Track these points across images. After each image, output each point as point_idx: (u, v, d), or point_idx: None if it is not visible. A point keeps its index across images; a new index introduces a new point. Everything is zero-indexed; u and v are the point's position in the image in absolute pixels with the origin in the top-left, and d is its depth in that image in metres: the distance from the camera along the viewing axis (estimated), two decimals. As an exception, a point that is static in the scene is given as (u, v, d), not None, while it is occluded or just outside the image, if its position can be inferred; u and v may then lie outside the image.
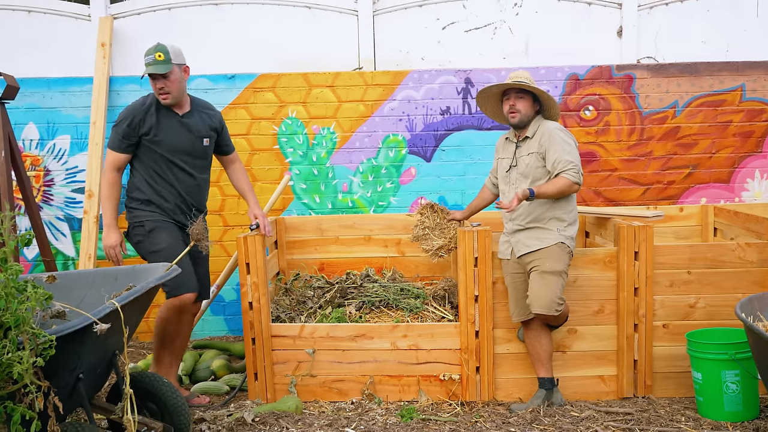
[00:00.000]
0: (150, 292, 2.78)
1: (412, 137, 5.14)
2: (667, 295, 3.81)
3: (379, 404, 3.77)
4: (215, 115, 3.93)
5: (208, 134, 3.82)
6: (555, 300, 3.41)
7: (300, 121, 5.13)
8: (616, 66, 5.08)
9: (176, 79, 3.63)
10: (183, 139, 3.71)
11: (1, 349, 1.90)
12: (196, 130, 3.76)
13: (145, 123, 3.62)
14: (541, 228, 3.51)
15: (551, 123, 3.56)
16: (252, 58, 5.18)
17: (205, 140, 3.80)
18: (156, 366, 3.70)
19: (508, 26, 5.24)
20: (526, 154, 3.54)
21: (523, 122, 3.56)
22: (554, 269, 3.43)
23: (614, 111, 5.10)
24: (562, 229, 3.49)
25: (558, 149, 3.42)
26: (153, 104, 3.68)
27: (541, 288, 3.42)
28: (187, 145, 3.72)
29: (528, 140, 3.56)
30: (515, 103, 3.54)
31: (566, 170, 3.38)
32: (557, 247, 3.46)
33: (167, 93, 3.61)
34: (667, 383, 3.82)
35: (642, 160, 5.14)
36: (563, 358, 3.84)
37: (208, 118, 3.85)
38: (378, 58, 5.24)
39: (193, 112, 3.79)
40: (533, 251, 3.49)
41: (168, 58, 3.59)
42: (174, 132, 3.69)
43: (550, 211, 3.50)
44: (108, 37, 5.12)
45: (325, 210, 5.19)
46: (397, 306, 4.17)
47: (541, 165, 3.48)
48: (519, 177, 3.58)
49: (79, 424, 2.59)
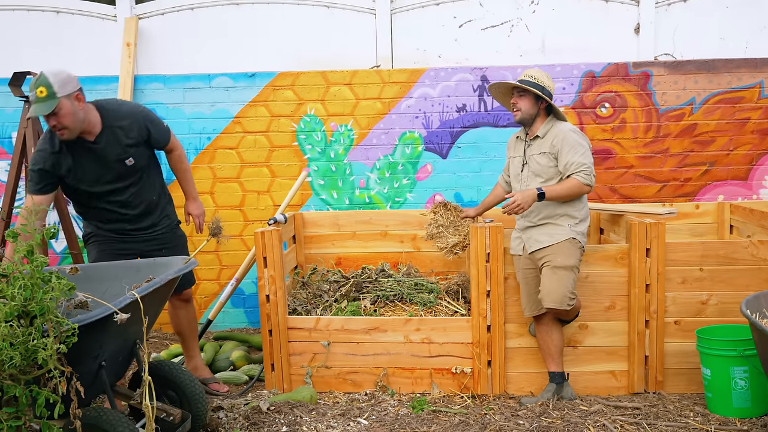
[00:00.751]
0: (168, 284, 2.89)
1: (428, 134, 5.21)
2: (679, 291, 3.83)
3: (392, 396, 3.86)
4: (131, 125, 3.48)
5: (127, 153, 3.46)
6: (567, 294, 3.46)
7: (318, 118, 5.23)
8: (632, 63, 5.08)
9: (67, 112, 3.20)
10: (101, 170, 3.43)
11: (27, 336, 2.03)
12: (114, 154, 3.42)
13: (61, 165, 3.36)
14: (552, 224, 3.56)
15: (565, 124, 3.60)
16: (272, 57, 5.29)
17: (127, 161, 3.47)
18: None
19: (524, 24, 5.28)
20: (538, 153, 3.59)
21: (525, 120, 3.61)
22: (566, 264, 3.48)
23: (630, 108, 5.11)
24: (573, 225, 3.54)
25: (571, 151, 3.46)
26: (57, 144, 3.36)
27: (552, 283, 3.47)
28: (108, 174, 3.45)
29: (539, 139, 3.61)
30: (517, 101, 3.60)
31: (578, 172, 3.42)
32: (568, 243, 3.51)
33: (63, 128, 3.24)
34: (679, 379, 3.85)
35: (658, 157, 5.14)
36: (574, 353, 3.89)
37: (123, 134, 3.44)
38: (395, 56, 5.31)
39: (104, 132, 3.40)
40: (545, 247, 3.54)
41: (51, 92, 3.15)
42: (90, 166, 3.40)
43: (561, 208, 3.55)
44: (133, 37, 5.27)
45: (342, 205, 5.29)
46: (411, 300, 4.25)
47: (553, 165, 3.53)
48: (531, 175, 3.62)
49: (101, 409, 2.72)
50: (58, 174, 3.37)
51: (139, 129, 3.51)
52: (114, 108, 3.49)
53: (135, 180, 3.56)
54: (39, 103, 3.15)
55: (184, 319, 3.91)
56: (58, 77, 3.18)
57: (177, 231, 3.84)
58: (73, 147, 3.36)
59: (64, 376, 2.15)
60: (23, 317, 2.11)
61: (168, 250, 3.68)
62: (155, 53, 5.36)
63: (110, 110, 3.46)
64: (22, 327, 2.05)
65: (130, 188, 3.55)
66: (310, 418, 3.38)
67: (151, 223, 3.66)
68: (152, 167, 3.70)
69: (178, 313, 3.89)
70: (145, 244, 3.64)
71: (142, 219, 3.62)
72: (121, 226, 3.58)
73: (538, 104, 3.58)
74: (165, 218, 3.74)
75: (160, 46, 5.36)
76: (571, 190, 3.43)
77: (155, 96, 5.24)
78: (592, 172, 3.45)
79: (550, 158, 3.52)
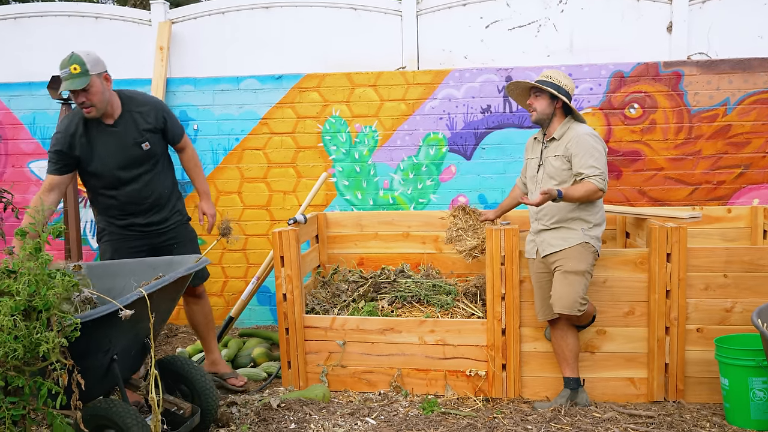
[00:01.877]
0: (179, 281, 2.98)
1: (452, 135, 5.19)
2: (702, 298, 3.72)
3: (405, 396, 3.88)
4: (149, 111, 3.63)
5: (144, 138, 3.59)
6: (577, 300, 3.41)
7: (343, 119, 5.28)
8: (663, 63, 4.95)
9: (97, 90, 3.38)
10: (116, 154, 3.54)
11: (32, 330, 2.13)
12: (131, 138, 3.56)
13: (77, 147, 3.48)
14: (565, 228, 3.51)
15: (582, 127, 3.54)
16: (298, 59, 5.37)
17: (143, 145, 3.59)
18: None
19: (552, 23, 5.20)
20: (553, 156, 3.55)
21: (541, 120, 3.58)
22: (577, 269, 3.43)
23: (661, 109, 4.98)
24: (587, 230, 3.49)
25: (585, 155, 3.40)
26: (80, 122, 3.49)
27: (563, 288, 3.43)
28: (124, 158, 3.56)
29: (554, 141, 3.57)
30: (533, 102, 3.57)
31: (593, 176, 3.37)
32: (581, 247, 3.46)
33: (90, 107, 3.40)
34: (701, 388, 3.74)
35: (690, 159, 5.00)
36: (592, 358, 3.82)
37: (141, 119, 3.60)
38: (421, 58, 5.32)
39: (124, 117, 3.56)
40: (557, 251, 3.50)
41: (85, 69, 3.33)
42: (106, 149, 3.52)
43: (575, 212, 3.49)
44: (166, 41, 5.43)
45: (366, 206, 5.33)
46: (428, 302, 4.26)
47: (566, 168, 3.48)
48: (545, 178, 3.58)
49: (111, 401, 2.84)
50: (75, 155, 3.49)
51: (156, 116, 3.65)
52: (134, 96, 3.67)
53: (149, 168, 3.65)
54: (72, 79, 3.32)
55: (198, 314, 4.01)
56: (89, 57, 3.37)
57: (187, 227, 3.92)
58: (91, 130, 3.50)
59: (66, 369, 2.25)
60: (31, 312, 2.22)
61: (179, 245, 3.78)
62: (187, 56, 5.52)
63: (130, 97, 3.64)
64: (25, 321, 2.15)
65: (144, 176, 3.63)
66: (319, 416, 3.42)
67: (162, 218, 3.73)
68: (166, 160, 3.81)
69: (192, 308, 3.99)
70: (156, 239, 3.74)
71: (153, 213, 3.69)
72: (132, 221, 3.66)
73: (554, 104, 3.54)
74: (176, 213, 3.83)
75: (192, 49, 5.51)
76: (587, 193, 3.37)
77: (186, 98, 5.39)
78: (605, 178, 3.39)
79: (564, 161, 3.48)
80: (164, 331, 5.32)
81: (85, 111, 3.42)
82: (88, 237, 5.59)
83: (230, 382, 4.05)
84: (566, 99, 3.50)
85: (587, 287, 3.50)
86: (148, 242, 3.73)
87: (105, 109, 3.47)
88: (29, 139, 5.60)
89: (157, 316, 3.13)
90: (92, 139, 3.51)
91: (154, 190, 3.68)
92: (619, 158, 5.06)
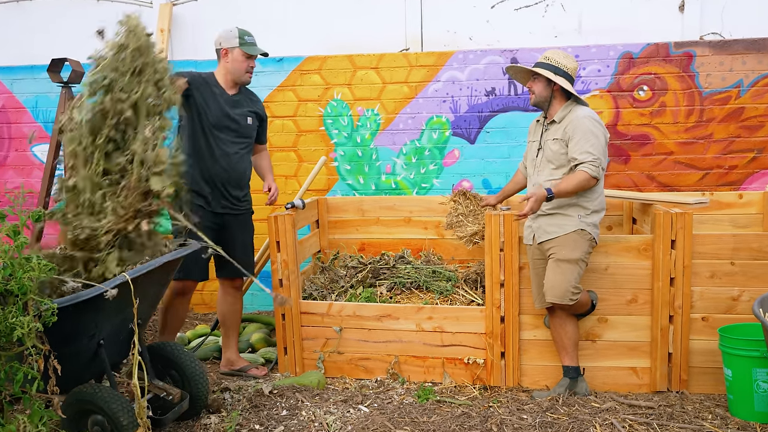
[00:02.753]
0: (165, 267, 2.94)
1: (456, 119, 5.09)
2: (708, 286, 3.61)
3: (402, 384, 3.82)
4: (257, 101, 4.08)
5: (251, 114, 3.97)
6: (569, 289, 3.32)
7: (345, 102, 5.20)
8: (674, 43, 4.79)
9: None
10: (228, 112, 3.85)
11: (7, 314, 2.10)
12: (244, 106, 3.93)
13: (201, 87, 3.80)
14: (561, 215, 3.42)
15: (582, 110, 3.42)
16: (300, 41, 5.28)
17: (249, 118, 3.94)
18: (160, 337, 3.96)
19: (560, 3, 5.06)
20: (551, 140, 3.45)
21: (540, 103, 3.48)
22: (570, 257, 3.34)
23: (671, 91, 4.83)
24: (583, 216, 3.39)
25: (582, 139, 3.30)
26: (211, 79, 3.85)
27: (556, 276, 3.34)
28: (231, 119, 3.85)
29: (555, 125, 3.46)
30: (531, 84, 3.47)
31: (585, 162, 3.26)
32: (576, 234, 3.36)
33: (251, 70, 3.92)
34: (705, 379, 3.64)
35: (701, 143, 4.85)
36: (593, 347, 3.74)
37: (252, 102, 4.01)
38: (425, 39, 5.21)
39: (241, 92, 3.96)
40: (552, 238, 3.41)
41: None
42: (221, 106, 3.83)
43: (573, 198, 3.39)
44: (167, 23, 5.37)
45: (368, 191, 5.25)
46: (427, 288, 4.19)
47: (564, 152, 3.38)
48: (544, 161, 3.49)
49: (97, 386, 2.81)
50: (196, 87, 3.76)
51: (261, 109, 4.09)
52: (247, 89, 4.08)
53: (244, 144, 3.94)
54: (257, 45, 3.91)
55: (229, 305, 4.02)
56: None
57: (251, 219, 4.07)
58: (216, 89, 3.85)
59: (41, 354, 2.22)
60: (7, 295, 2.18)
61: (246, 232, 4.01)
62: (189, 38, 5.46)
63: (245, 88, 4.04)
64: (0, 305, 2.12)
65: (238, 147, 3.90)
66: (311, 402, 3.38)
67: (242, 195, 3.96)
68: (251, 150, 4.06)
69: (225, 298, 4.01)
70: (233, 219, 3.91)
71: (237, 186, 3.92)
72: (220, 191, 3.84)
73: (551, 86, 3.43)
74: (248, 200, 4.05)
75: (194, 32, 5.44)
76: (580, 184, 3.28)
77: (187, 81, 5.32)
78: (600, 165, 3.28)
79: (562, 145, 3.37)
80: (166, 316, 5.31)
81: (248, 75, 3.90)
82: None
83: (251, 373, 4.02)
84: (565, 80, 3.38)
85: (580, 276, 3.40)
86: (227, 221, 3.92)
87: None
88: (32, 123, 5.59)
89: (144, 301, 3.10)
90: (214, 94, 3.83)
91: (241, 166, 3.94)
92: (628, 142, 4.92)
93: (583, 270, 3.42)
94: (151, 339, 4.40)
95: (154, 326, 4.59)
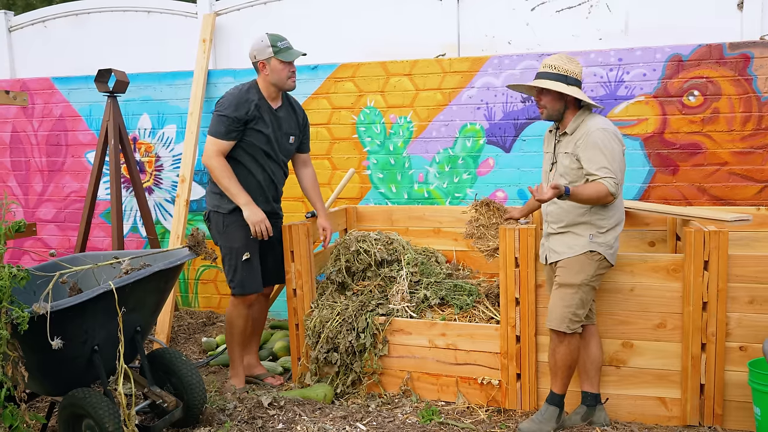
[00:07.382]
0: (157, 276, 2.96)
1: (490, 126, 4.89)
2: (746, 312, 3.28)
3: (413, 402, 3.69)
4: (300, 110, 4.02)
5: (293, 133, 3.94)
6: (567, 316, 3.10)
7: (378, 110, 5.12)
8: (728, 44, 4.40)
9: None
10: (273, 136, 3.79)
11: (-23, 322, 2.17)
12: (287, 127, 3.88)
13: (250, 111, 3.69)
14: (572, 234, 3.18)
15: (596, 120, 3.15)
16: (334, 48, 5.24)
17: (291, 138, 3.91)
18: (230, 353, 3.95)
19: (605, 3, 4.76)
20: (563, 153, 3.22)
21: (552, 116, 3.24)
22: (571, 281, 3.10)
23: (725, 96, 4.43)
24: (595, 236, 3.13)
25: (597, 153, 3.04)
26: (255, 96, 3.75)
27: (555, 301, 3.14)
28: (275, 142, 3.80)
29: (567, 136, 3.22)
30: (540, 98, 3.22)
31: (604, 178, 3.01)
32: (584, 257, 3.11)
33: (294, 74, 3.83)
34: (743, 414, 3.30)
35: (759, 153, 4.42)
36: (618, 373, 3.47)
37: (295, 114, 3.96)
38: (462, 44, 5.04)
39: (284, 105, 3.89)
40: (561, 259, 3.19)
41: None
42: (269, 125, 3.76)
43: (585, 216, 3.14)
44: (209, 33, 5.49)
45: (401, 200, 5.15)
46: (448, 303, 4.03)
47: (576, 167, 3.13)
48: (557, 176, 3.26)
49: (87, 391, 2.87)
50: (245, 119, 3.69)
51: (304, 119, 4.04)
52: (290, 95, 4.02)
53: (284, 164, 3.95)
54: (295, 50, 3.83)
55: (255, 312, 4.03)
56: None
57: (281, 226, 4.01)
58: (261, 104, 3.76)
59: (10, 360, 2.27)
60: (-19, 304, 2.26)
61: (278, 241, 3.95)
62: (231, 48, 5.55)
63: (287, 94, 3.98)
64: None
65: (280, 167, 3.91)
66: (309, 417, 3.32)
67: (277, 208, 4.00)
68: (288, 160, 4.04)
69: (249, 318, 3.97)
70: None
71: (275, 201, 3.96)
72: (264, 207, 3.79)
73: (564, 97, 3.18)
74: (281, 216, 4.07)
75: (235, 41, 5.53)
76: (598, 194, 3.01)
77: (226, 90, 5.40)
78: (619, 182, 3.02)
79: (573, 159, 3.13)
80: (202, 319, 5.42)
81: (292, 80, 3.79)
82: (138, 225, 5.78)
83: (267, 381, 4.04)
84: (578, 90, 3.15)
85: (585, 302, 3.15)
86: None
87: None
88: (86, 131, 5.86)
89: (144, 309, 3.15)
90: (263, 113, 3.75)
91: (280, 184, 3.98)
92: (676, 151, 4.57)
93: (589, 296, 3.17)
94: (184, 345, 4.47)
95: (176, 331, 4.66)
